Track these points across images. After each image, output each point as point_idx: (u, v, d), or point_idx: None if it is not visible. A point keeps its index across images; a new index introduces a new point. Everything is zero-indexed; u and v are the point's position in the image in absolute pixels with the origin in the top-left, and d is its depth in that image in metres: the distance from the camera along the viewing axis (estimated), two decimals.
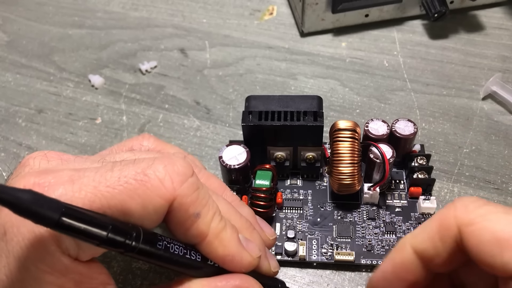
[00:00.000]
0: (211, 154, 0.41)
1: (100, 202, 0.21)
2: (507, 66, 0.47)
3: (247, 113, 0.34)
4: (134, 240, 0.21)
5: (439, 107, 0.43)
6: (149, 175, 0.22)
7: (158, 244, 0.23)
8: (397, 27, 0.51)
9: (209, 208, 0.24)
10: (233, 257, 0.25)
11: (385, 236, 0.34)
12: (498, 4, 0.52)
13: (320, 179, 0.38)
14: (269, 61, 0.48)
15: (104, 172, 0.22)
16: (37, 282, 0.21)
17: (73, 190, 0.21)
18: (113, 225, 0.21)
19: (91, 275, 0.23)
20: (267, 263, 0.28)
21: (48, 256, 0.21)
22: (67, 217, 0.19)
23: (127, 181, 0.22)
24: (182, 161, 0.24)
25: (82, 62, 0.49)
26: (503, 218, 0.20)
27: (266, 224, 0.31)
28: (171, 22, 0.53)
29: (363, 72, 0.47)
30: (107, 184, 0.22)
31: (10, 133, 0.43)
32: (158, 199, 0.22)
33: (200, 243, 0.24)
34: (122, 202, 0.22)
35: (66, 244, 0.21)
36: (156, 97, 0.46)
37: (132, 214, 0.22)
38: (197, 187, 0.24)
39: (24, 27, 0.53)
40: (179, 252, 0.23)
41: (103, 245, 0.21)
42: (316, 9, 0.47)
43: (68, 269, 0.22)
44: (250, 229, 0.28)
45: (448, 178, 0.38)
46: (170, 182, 0.23)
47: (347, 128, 0.33)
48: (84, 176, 0.22)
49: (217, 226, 0.24)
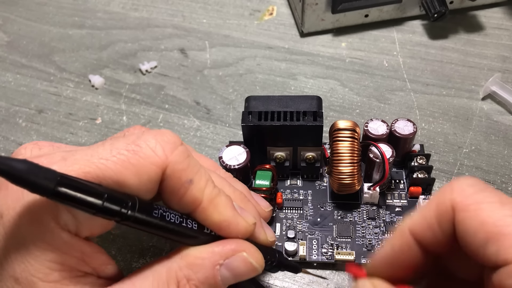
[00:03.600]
0: (211, 154, 0.41)
1: (94, 173, 0.22)
2: (507, 66, 0.47)
3: (247, 113, 0.34)
4: (130, 209, 0.22)
5: (439, 107, 0.43)
6: (141, 145, 0.23)
7: (154, 213, 0.23)
8: (397, 27, 0.51)
9: (201, 175, 0.25)
10: (228, 223, 0.25)
11: (385, 236, 0.34)
12: (498, 4, 0.52)
13: (320, 179, 0.38)
14: (269, 61, 0.48)
15: (96, 147, 0.23)
16: (38, 261, 0.21)
17: (66, 165, 0.21)
18: (108, 193, 0.21)
19: (92, 254, 0.23)
20: (263, 232, 0.28)
21: (47, 232, 0.21)
22: (62, 186, 0.19)
23: (120, 152, 0.22)
24: (171, 132, 0.24)
25: (82, 62, 0.49)
26: (497, 209, 0.20)
27: (260, 198, 0.32)
28: (171, 22, 0.53)
29: (363, 72, 0.47)
30: (100, 157, 0.22)
31: (10, 133, 0.43)
32: (151, 167, 0.23)
33: (195, 210, 0.24)
34: (116, 172, 0.22)
35: (64, 219, 0.21)
36: (156, 97, 0.46)
37: (127, 184, 0.22)
38: (188, 155, 0.24)
39: (24, 27, 0.53)
40: (175, 221, 0.24)
41: (99, 213, 0.21)
42: (316, 9, 0.47)
43: (69, 245, 0.22)
44: (244, 200, 0.28)
45: (448, 178, 0.38)
46: (161, 150, 0.23)
47: (346, 128, 0.33)
48: (76, 154, 0.23)
49: (211, 192, 0.25)
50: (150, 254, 0.35)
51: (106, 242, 0.35)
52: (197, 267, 0.24)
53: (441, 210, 0.21)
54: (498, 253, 0.19)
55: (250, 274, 0.26)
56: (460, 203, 0.20)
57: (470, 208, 0.20)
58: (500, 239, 0.19)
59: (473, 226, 0.20)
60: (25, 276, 0.21)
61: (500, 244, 0.19)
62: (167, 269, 0.24)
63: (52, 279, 0.22)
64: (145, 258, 0.35)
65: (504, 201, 0.20)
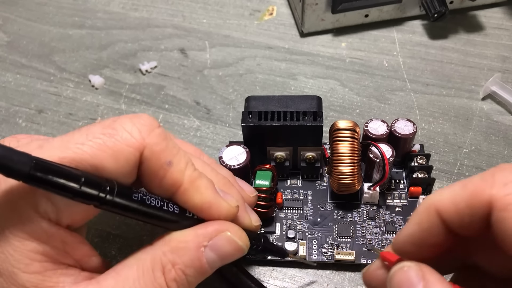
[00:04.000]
0: (211, 154, 0.41)
1: (70, 157, 0.21)
2: (507, 66, 0.47)
3: (247, 113, 0.34)
4: (108, 193, 0.21)
5: (439, 107, 0.43)
6: (116, 128, 0.23)
7: (134, 196, 0.22)
8: (397, 27, 0.51)
9: (181, 157, 0.24)
10: (210, 205, 0.25)
11: (385, 236, 0.34)
12: (498, 4, 0.52)
13: (320, 179, 0.38)
14: (269, 61, 0.48)
15: (72, 134, 0.23)
16: (18, 252, 0.21)
17: (42, 152, 0.21)
18: (85, 177, 0.21)
19: (74, 245, 0.23)
20: (248, 216, 0.28)
21: (27, 221, 0.21)
22: (38, 170, 0.19)
23: (95, 136, 0.22)
24: (147, 115, 0.24)
25: (82, 62, 0.49)
26: None
27: (245, 183, 0.31)
28: (171, 22, 0.53)
29: (363, 72, 0.47)
30: (76, 142, 0.22)
31: (10, 133, 0.43)
32: (128, 149, 0.22)
33: (175, 193, 0.24)
34: (93, 156, 0.22)
35: (44, 206, 0.21)
36: (156, 97, 0.46)
37: (104, 168, 0.22)
38: (165, 137, 0.24)
39: (24, 27, 0.53)
40: (156, 204, 0.23)
41: (77, 197, 0.21)
42: (316, 9, 0.47)
43: (49, 234, 0.22)
44: (228, 185, 0.28)
45: (448, 178, 0.38)
46: (137, 132, 0.23)
47: (346, 128, 0.33)
48: (53, 141, 0.22)
49: (192, 174, 0.24)
50: None
51: (106, 242, 0.35)
52: (182, 251, 0.24)
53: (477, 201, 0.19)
54: None
55: (236, 254, 0.25)
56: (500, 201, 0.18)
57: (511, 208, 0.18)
58: None
59: None
60: (6, 267, 0.21)
61: None
62: (151, 256, 0.24)
63: (34, 270, 0.21)
64: None
65: None
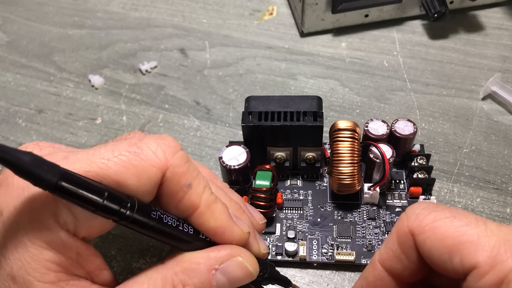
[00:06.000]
0: (211, 154, 0.41)
1: (95, 172, 0.22)
2: (507, 66, 0.47)
3: (247, 113, 0.34)
4: (129, 209, 0.22)
5: (439, 107, 0.43)
6: (142, 147, 0.23)
7: (152, 214, 0.23)
8: (397, 27, 0.51)
9: (200, 180, 0.25)
10: (224, 229, 0.25)
11: (386, 236, 0.34)
12: (498, 4, 0.52)
13: (320, 179, 0.38)
14: (269, 61, 0.48)
15: (98, 148, 0.23)
16: (35, 260, 0.21)
17: (68, 163, 0.22)
18: (109, 192, 0.21)
19: (87, 257, 0.23)
20: (257, 243, 0.28)
21: (46, 231, 0.21)
22: (65, 181, 0.20)
23: (121, 153, 0.23)
24: (171, 137, 0.25)
25: (82, 62, 0.49)
26: (450, 223, 0.20)
27: (255, 210, 0.32)
28: (171, 22, 0.53)
29: (363, 72, 0.47)
30: (101, 157, 0.22)
31: (10, 133, 0.43)
32: (152, 169, 0.23)
33: (192, 215, 0.25)
34: (117, 173, 0.22)
35: (64, 217, 0.22)
36: (156, 97, 0.46)
37: (127, 185, 0.22)
38: (187, 160, 0.25)
39: (24, 27, 0.53)
40: (172, 223, 0.24)
41: (99, 211, 0.21)
42: (316, 9, 0.47)
43: (66, 245, 0.22)
44: (239, 210, 0.28)
45: (448, 178, 0.38)
46: (162, 153, 0.23)
47: (347, 128, 0.33)
48: (78, 153, 0.23)
49: (209, 198, 0.25)
50: (150, 254, 0.35)
51: (106, 242, 0.35)
52: (193, 272, 0.24)
53: (402, 238, 0.22)
54: (462, 262, 0.20)
55: (246, 279, 0.26)
56: (417, 227, 0.21)
57: (426, 229, 0.21)
58: (459, 248, 0.20)
59: (434, 244, 0.21)
60: (22, 275, 0.21)
61: (461, 253, 0.20)
62: (163, 275, 0.24)
63: (48, 280, 0.22)
64: (145, 258, 0.35)
65: (455, 214, 0.21)
